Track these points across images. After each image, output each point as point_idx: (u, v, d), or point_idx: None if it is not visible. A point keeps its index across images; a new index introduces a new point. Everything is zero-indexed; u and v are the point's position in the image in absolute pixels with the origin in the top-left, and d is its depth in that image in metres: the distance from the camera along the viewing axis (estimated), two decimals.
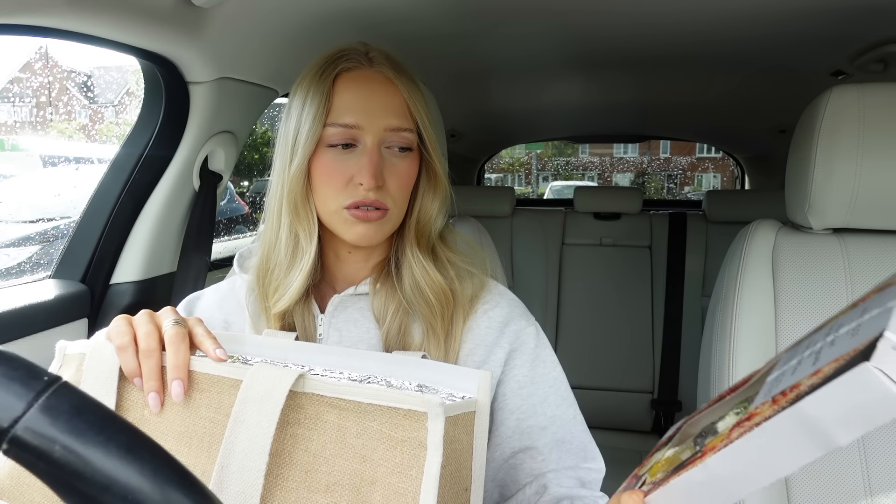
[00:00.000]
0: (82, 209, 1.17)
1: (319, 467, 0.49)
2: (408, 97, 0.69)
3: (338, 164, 0.68)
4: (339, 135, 0.67)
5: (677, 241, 2.21)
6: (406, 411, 0.48)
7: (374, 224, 0.68)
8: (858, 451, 0.93)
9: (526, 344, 0.71)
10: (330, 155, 0.68)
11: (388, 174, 0.68)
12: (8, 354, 0.32)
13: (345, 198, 0.67)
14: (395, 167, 0.69)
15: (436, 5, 1.11)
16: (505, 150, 4.54)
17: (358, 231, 0.68)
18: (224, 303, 0.79)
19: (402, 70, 0.71)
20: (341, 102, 0.68)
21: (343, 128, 0.67)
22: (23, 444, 0.29)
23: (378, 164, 0.67)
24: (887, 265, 0.99)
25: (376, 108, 0.68)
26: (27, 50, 10.48)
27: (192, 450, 0.52)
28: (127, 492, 0.29)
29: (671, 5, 1.12)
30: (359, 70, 0.69)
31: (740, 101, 1.94)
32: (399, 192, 0.70)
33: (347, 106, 0.68)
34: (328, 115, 0.68)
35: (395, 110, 0.69)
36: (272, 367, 0.51)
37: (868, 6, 1.07)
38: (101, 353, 0.55)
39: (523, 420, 0.69)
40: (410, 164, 0.70)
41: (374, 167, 0.66)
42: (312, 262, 0.70)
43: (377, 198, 0.67)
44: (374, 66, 0.70)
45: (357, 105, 0.68)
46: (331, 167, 0.68)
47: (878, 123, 0.93)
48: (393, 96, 0.69)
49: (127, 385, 0.55)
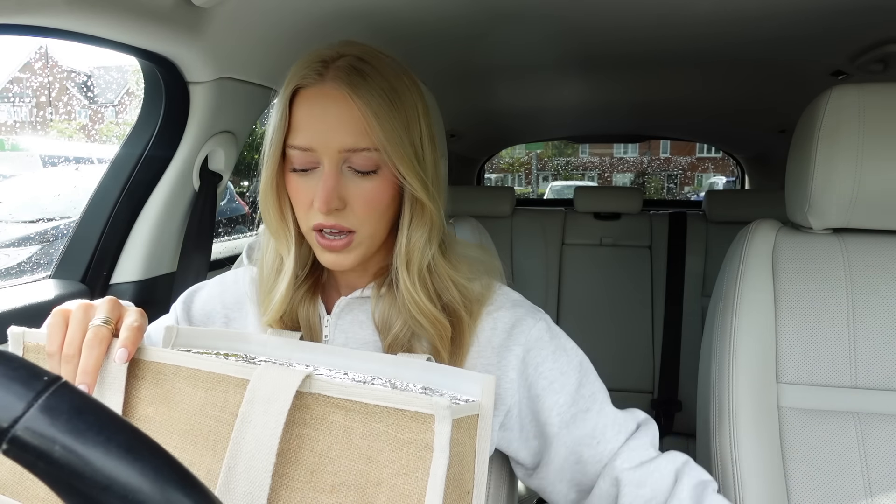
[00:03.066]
0: (82, 209, 1.17)
1: (325, 468, 0.49)
2: (365, 114, 0.62)
3: (302, 185, 0.65)
4: (299, 157, 0.64)
5: (677, 241, 2.21)
6: (413, 413, 0.48)
7: (341, 253, 0.66)
8: (858, 451, 0.93)
9: (541, 339, 0.71)
10: (295, 177, 0.66)
11: (350, 195, 0.64)
12: (8, 354, 0.32)
13: (310, 219, 0.65)
14: (358, 188, 0.64)
15: (436, 6, 1.11)
16: (505, 150, 4.54)
17: (326, 258, 0.67)
18: (225, 296, 0.79)
19: (364, 83, 0.63)
20: (296, 123, 0.64)
21: (300, 150, 0.64)
22: (23, 444, 0.29)
23: (332, 188, 0.63)
24: (887, 265, 0.99)
25: (329, 129, 0.63)
26: (27, 50, 10.48)
27: (198, 448, 0.52)
28: (127, 491, 0.29)
29: (670, 6, 1.12)
30: (313, 87, 0.64)
31: (741, 101, 1.94)
32: (365, 214, 0.65)
33: (301, 126, 0.64)
34: (287, 136, 0.65)
35: (350, 129, 0.62)
36: (279, 367, 0.51)
37: (868, 6, 1.07)
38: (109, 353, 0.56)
39: (565, 412, 0.69)
40: (378, 184, 0.65)
41: (327, 192, 0.62)
42: (290, 279, 0.69)
43: (336, 221, 0.64)
44: (326, 81, 0.63)
45: (310, 125, 0.63)
46: (296, 188, 0.66)
47: (878, 123, 0.93)
48: (347, 113, 0.62)
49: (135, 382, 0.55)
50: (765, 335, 1.00)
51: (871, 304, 0.98)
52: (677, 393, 2.11)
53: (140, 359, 0.56)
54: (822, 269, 1.00)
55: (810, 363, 0.98)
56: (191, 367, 0.54)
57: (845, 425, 0.94)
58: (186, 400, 0.53)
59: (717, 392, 1.01)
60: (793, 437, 0.95)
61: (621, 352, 2.16)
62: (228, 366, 0.53)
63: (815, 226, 1.02)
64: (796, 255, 1.02)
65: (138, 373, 0.56)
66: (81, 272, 1.14)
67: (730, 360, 1.00)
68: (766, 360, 0.99)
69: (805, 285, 1.00)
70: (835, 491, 0.91)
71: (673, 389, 2.11)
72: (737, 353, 1.00)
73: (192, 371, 0.54)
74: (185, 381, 0.54)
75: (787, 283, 1.01)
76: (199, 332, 0.67)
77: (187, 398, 0.53)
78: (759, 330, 1.00)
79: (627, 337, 2.17)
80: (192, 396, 0.53)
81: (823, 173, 0.96)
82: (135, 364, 0.56)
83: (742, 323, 1.01)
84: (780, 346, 0.99)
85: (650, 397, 2.13)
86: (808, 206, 0.99)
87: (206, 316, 0.78)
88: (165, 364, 0.55)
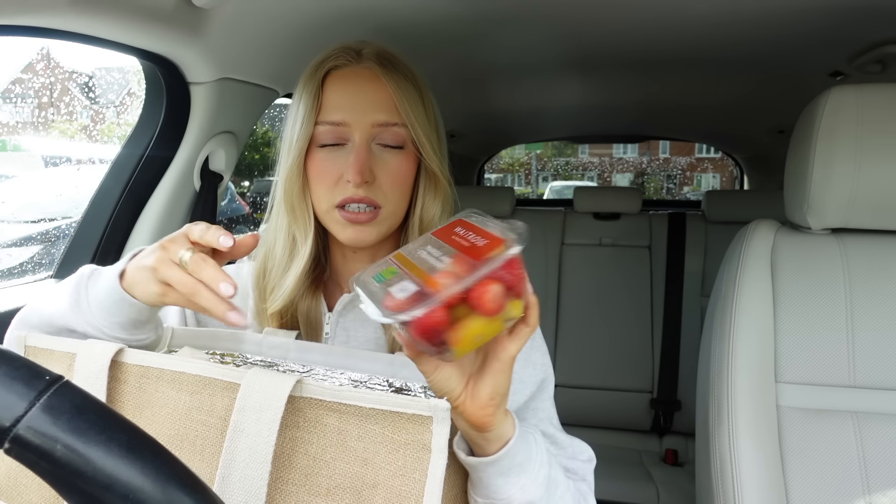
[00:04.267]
0: (84, 209, 1.18)
1: (320, 471, 0.48)
2: (395, 92, 0.68)
3: (328, 162, 0.68)
4: (328, 133, 0.68)
5: (677, 240, 2.21)
6: (410, 415, 0.47)
7: (366, 226, 0.68)
8: (857, 450, 0.93)
9: None
10: (322, 154, 0.68)
11: (379, 171, 0.68)
12: (10, 354, 0.32)
13: (335, 196, 0.67)
14: (386, 163, 0.68)
15: (436, 7, 1.11)
16: (505, 150, 4.54)
17: (349, 233, 0.68)
18: None
19: (393, 65, 0.69)
20: (329, 100, 0.68)
21: (332, 125, 0.68)
22: (25, 443, 0.29)
23: (365, 160, 0.66)
24: (885, 264, 1.00)
25: (363, 104, 0.67)
26: (29, 51, 10.48)
27: (185, 454, 0.51)
28: (128, 491, 0.29)
29: (669, 8, 1.12)
30: (347, 67, 0.69)
31: (739, 102, 1.94)
32: (392, 188, 0.69)
33: (335, 103, 0.68)
34: (318, 114, 0.68)
35: (383, 106, 0.68)
36: (270, 372, 0.50)
37: (866, 7, 1.07)
38: (90, 353, 0.54)
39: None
40: (403, 160, 0.69)
41: (361, 163, 0.66)
42: (307, 263, 0.70)
43: (366, 194, 0.67)
44: (361, 62, 0.69)
45: (344, 102, 0.68)
46: (322, 166, 0.68)
47: (877, 124, 0.94)
48: (380, 92, 0.68)
49: (117, 386, 0.54)
50: (764, 335, 1.00)
51: (870, 303, 0.98)
52: (676, 392, 2.11)
53: (122, 361, 0.54)
54: (821, 269, 1.01)
55: (809, 363, 0.98)
56: (175, 371, 0.52)
57: (844, 424, 0.94)
58: (171, 404, 0.52)
59: (717, 391, 1.01)
60: (791, 436, 0.95)
61: (620, 351, 2.16)
62: (214, 369, 0.51)
63: (814, 226, 1.02)
64: (795, 255, 1.03)
65: (120, 376, 0.54)
66: None
67: (729, 360, 1.00)
68: (765, 359, 0.99)
69: (804, 285, 1.00)
70: (833, 489, 0.91)
71: (672, 389, 2.11)
72: (736, 353, 1.00)
73: (176, 374, 0.52)
74: (168, 384, 0.52)
75: (786, 282, 1.01)
76: (196, 333, 0.67)
77: (172, 402, 0.52)
78: (757, 329, 1.00)
79: (627, 337, 2.17)
80: (176, 400, 0.52)
81: (822, 173, 0.96)
82: (116, 367, 0.54)
83: (741, 322, 1.01)
84: (779, 346, 0.99)
85: (649, 397, 2.14)
86: (807, 207, 0.99)
87: None
88: (149, 367, 0.53)
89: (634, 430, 2.17)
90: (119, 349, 0.54)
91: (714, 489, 0.99)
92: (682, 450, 2.07)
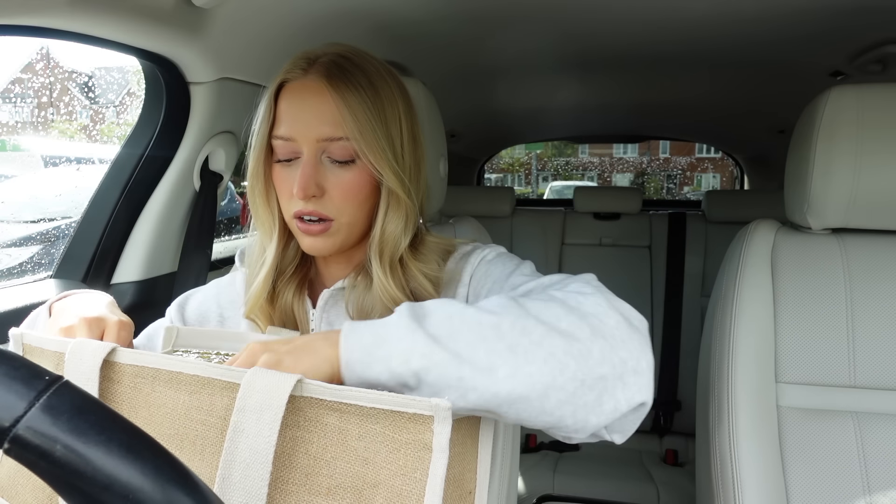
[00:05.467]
0: (83, 209, 1.17)
1: (320, 470, 0.48)
2: (339, 105, 0.66)
3: (284, 175, 0.69)
4: (282, 147, 0.69)
5: (677, 241, 2.21)
6: (411, 415, 0.47)
7: (319, 237, 0.69)
8: (857, 450, 0.93)
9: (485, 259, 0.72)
10: (279, 168, 0.70)
11: (329, 184, 0.68)
12: (9, 354, 0.32)
13: (291, 207, 0.69)
14: (336, 177, 0.68)
15: (435, 7, 1.11)
16: (505, 150, 4.54)
17: (306, 243, 0.70)
18: (221, 296, 0.81)
19: (343, 75, 0.67)
20: (280, 114, 0.69)
21: (283, 140, 0.68)
22: (24, 443, 0.29)
23: (310, 175, 0.66)
24: (885, 264, 1.00)
25: (308, 119, 0.67)
26: (29, 51, 10.48)
27: (185, 453, 0.50)
28: (128, 491, 0.29)
29: (669, 7, 1.12)
30: (296, 80, 0.69)
31: (740, 102, 1.94)
32: (343, 202, 0.68)
33: (284, 118, 0.68)
34: (272, 128, 0.69)
35: (328, 120, 0.66)
36: (269, 372, 0.50)
37: (866, 7, 1.07)
38: (80, 353, 0.54)
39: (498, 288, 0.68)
40: (355, 174, 0.68)
41: (304, 178, 0.66)
42: (271, 266, 0.72)
43: (315, 208, 0.67)
44: (308, 75, 0.68)
45: (291, 116, 0.68)
46: (279, 177, 0.70)
47: (877, 124, 0.94)
48: (325, 104, 0.66)
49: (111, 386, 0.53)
50: (764, 335, 1.00)
51: (870, 303, 0.98)
52: (677, 392, 2.11)
53: (115, 361, 0.53)
54: (821, 269, 1.01)
55: (809, 363, 0.98)
56: (171, 371, 0.52)
57: (844, 424, 0.94)
58: (169, 404, 0.52)
59: (717, 391, 1.01)
60: (792, 437, 0.95)
61: None
62: (212, 369, 0.51)
63: (814, 226, 1.02)
64: (795, 255, 1.03)
65: (114, 376, 0.53)
66: (82, 272, 1.15)
67: (729, 360, 1.00)
68: (766, 359, 0.99)
69: (804, 285, 1.00)
70: (833, 489, 0.91)
71: (672, 389, 2.11)
72: (736, 353, 1.00)
73: (172, 374, 0.52)
74: (165, 384, 0.52)
75: (786, 282, 1.01)
76: (200, 333, 0.67)
77: (170, 402, 0.52)
78: (758, 329, 1.00)
79: None
80: (174, 400, 0.51)
81: (822, 173, 0.96)
82: (109, 367, 0.53)
83: (741, 322, 1.01)
84: (780, 346, 0.99)
85: None
86: (807, 207, 0.99)
87: (202, 316, 0.81)
88: (143, 367, 0.53)
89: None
90: (111, 349, 0.53)
91: (714, 489, 0.99)
92: (682, 450, 2.07)
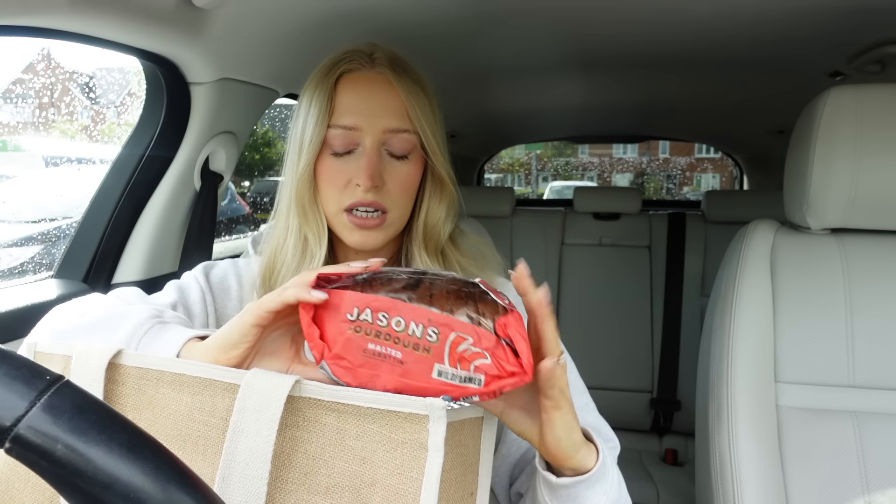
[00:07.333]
0: (84, 209, 1.18)
1: (319, 469, 0.49)
2: (407, 99, 0.69)
3: (339, 166, 0.69)
4: (339, 137, 0.68)
5: (676, 241, 2.21)
6: (407, 414, 0.47)
7: (373, 231, 0.69)
8: (856, 450, 0.93)
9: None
10: (332, 158, 0.69)
11: (387, 176, 0.69)
12: (10, 353, 0.32)
13: (344, 199, 0.68)
14: (395, 170, 0.69)
15: (436, 7, 1.12)
16: (505, 151, 4.54)
17: (356, 237, 0.69)
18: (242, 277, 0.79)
19: (405, 72, 0.70)
20: (342, 104, 0.69)
21: (343, 129, 0.68)
22: (25, 442, 0.29)
23: (376, 164, 0.67)
24: (885, 265, 1.00)
25: (375, 110, 0.68)
26: (30, 51, 10.48)
27: (187, 454, 0.51)
28: (129, 490, 0.29)
29: (669, 7, 1.12)
30: (360, 71, 0.70)
31: (739, 102, 1.94)
32: (400, 194, 0.70)
33: (347, 107, 0.68)
34: (331, 117, 0.69)
35: (394, 112, 0.69)
36: (269, 373, 0.50)
37: (866, 7, 1.07)
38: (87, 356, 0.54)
39: None
40: (412, 167, 0.70)
41: (371, 168, 0.67)
42: (321, 262, 0.70)
43: (375, 199, 0.68)
44: (375, 67, 0.70)
45: (356, 106, 0.68)
46: (332, 170, 0.69)
47: (876, 124, 0.94)
48: (392, 98, 0.69)
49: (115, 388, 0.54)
50: (763, 335, 1.00)
51: (869, 303, 0.98)
52: (676, 392, 2.11)
53: (119, 363, 0.54)
54: (820, 269, 1.01)
55: (808, 363, 0.98)
56: (174, 372, 0.53)
57: (843, 424, 0.95)
58: (172, 405, 0.52)
59: (716, 391, 1.01)
60: (791, 436, 0.95)
61: (620, 351, 2.16)
62: (214, 370, 0.52)
63: (814, 226, 1.02)
64: (794, 255, 1.03)
65: (118, 378, 0.54)
66: (83, 272, 1.15)
67: (728, 360, 1.00)
68: (765, 359, 0.99)
69: (803, 285, 1.01)
70: (832, 489, 0.92)
71: (672, 389, 2.11)
72: (735, 353, 1.00)
73: (175, 376, 0.52)
74: (168, 386, 0.53)
75: (786, 282, 1.01)
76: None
77: (173, 403, 0.52)
78: (757, 329, 1.00)
79: (627, 337, 2.17)
80: (177, 401, 0.52)
81: (821, 174, 0.96)
82: (113, 369, 0.54)
83: (741, 322, 1.01)
84: (779, 346, 0.99)
85: (649, 397, 2.14)
86: (807, 207, 1.00)
87: (224, 289, 0.77)
88: (147, 369, 0.53)
89: (634, 429, 2.18)
90: (117, 352, 0.54)
91: (714, 489, 0.99)
92: (681, 450, 2.07)
